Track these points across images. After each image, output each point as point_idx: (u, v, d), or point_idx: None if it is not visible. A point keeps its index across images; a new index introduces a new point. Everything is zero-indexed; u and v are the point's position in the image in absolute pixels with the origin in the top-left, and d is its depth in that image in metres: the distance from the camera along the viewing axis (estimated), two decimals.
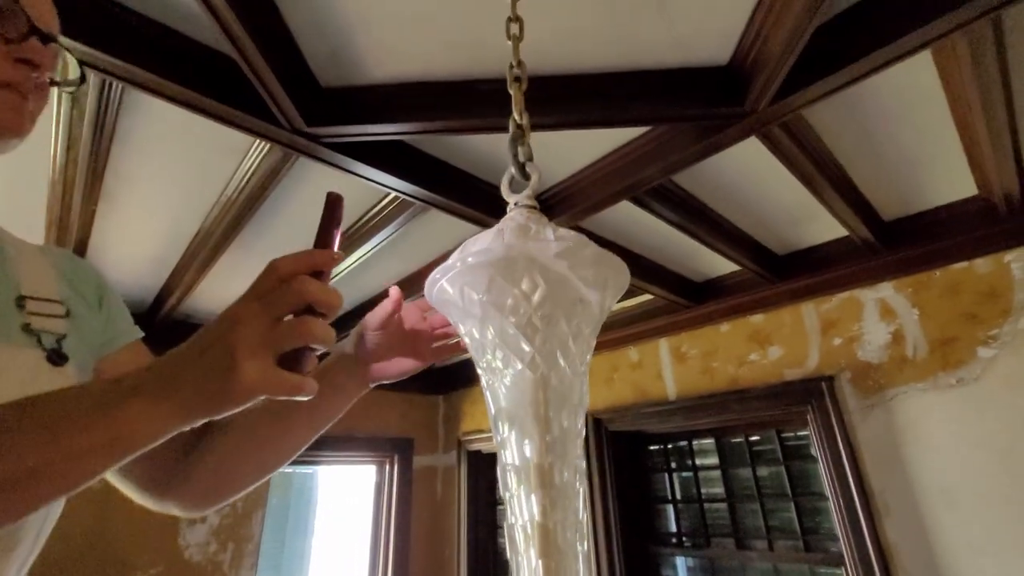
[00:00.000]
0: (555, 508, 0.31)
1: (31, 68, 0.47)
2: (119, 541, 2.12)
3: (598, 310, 0.37)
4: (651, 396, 2.52)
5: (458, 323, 0.38)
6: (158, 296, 2.12)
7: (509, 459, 0.33)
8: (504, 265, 0.33)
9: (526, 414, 0.32)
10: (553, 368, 0.33)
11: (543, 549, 0.30)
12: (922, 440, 1.66)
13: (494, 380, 0.35)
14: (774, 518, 2.17)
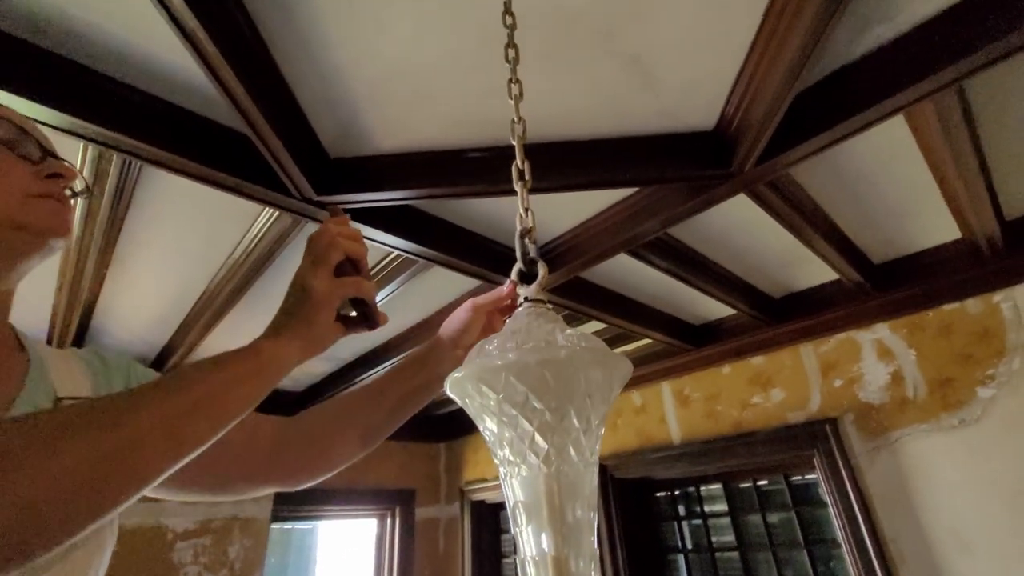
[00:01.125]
0: None
1: (59, 180, 0.55)
2: None
3: (604, 403, 0.39)
4: (656, 440, 2.50)
5: (476, 418, 0.41)
6: (161, 353, 2.13)
7: (527, 551, 0.35)
8: (519, 367, 0.36)
9: (541, 506, 0.34)
10: (566, 461, 0.35)
11: None
12: (931, 483, 1.65)
13: (509, 473, 0.37)
14: (788, 569, 2.12)
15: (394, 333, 2.13)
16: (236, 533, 2.45)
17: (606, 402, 0.40)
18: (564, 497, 0.34)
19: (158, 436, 0.39)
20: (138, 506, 2.24)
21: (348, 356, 2.36)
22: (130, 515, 2.20)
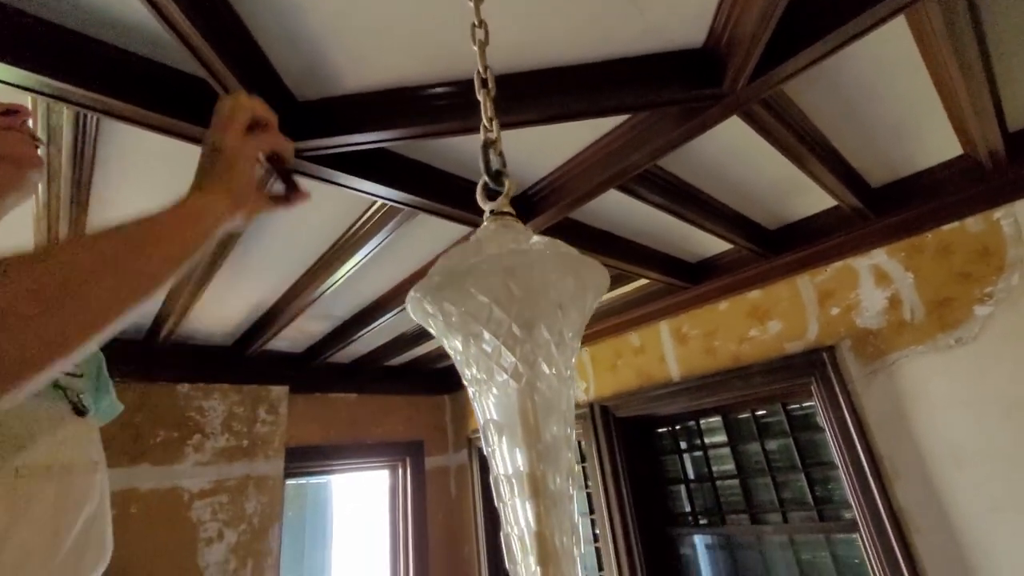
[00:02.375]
0: (550, 515, 0.31)
1: (16, 115, 0.57)
2: (138, 567, 2.14)
3: (579, 315, 0.37)
4: (655, 379, 2.54)
5: (441, 338, 0.39)
6: (155, 321, 2.12)
7: (501, 469, 0.33)
8: (479, 277, 0.33)
9: (514, 424, 0.32)
10: (539, 376, 0.33)
11: (541, 556, 0.30)
12: (926, 402, 1.67)
13: (480, 392, 0.35)
14: (786, 490, 2.19)
15: (387, 287, 2.10)
16: (251, 490, 2.53)
17: (581, 314, 0.38)
18: (538, 413, 0.32)
19: (104, 273, 0.39)
20: (151, 470, 2.29)
21: (343, 314, 2.35)
22: (144, 479, 2.26)
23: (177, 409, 2.45)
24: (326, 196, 1.42)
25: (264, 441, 2.66)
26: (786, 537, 2.19)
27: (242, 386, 2.69)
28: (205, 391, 2.56)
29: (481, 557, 3.28)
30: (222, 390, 2.61)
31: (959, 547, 1.55)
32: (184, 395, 2.49)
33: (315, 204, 1.47)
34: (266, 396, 2.76)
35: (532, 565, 0.30)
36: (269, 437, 2.69)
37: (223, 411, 2.58)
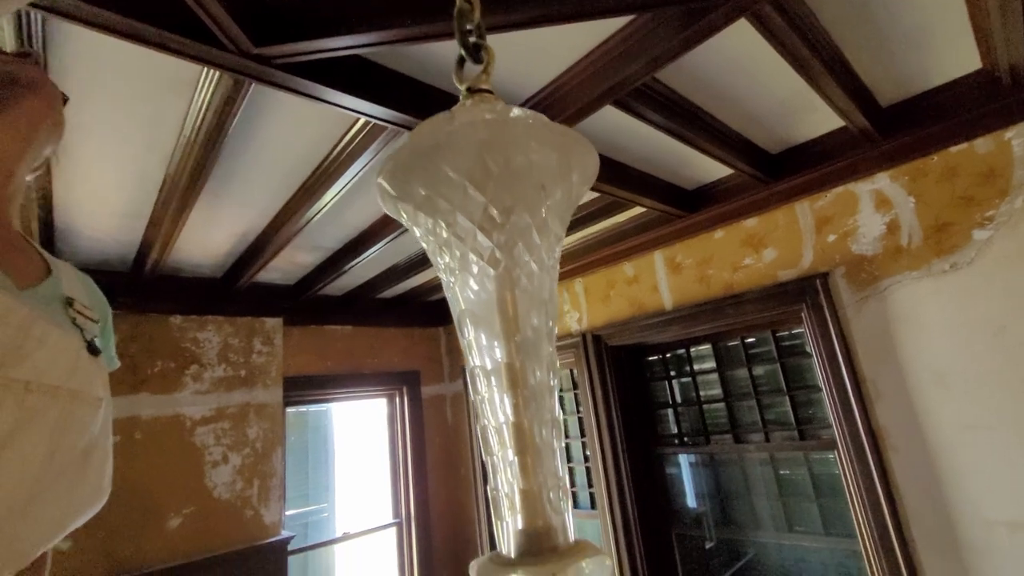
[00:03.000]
0: (528, 407, 0.29)
1: None
2: (148, 488, 2.23)
3: (564, 197, 0.33)
4: (648, 309, 2.55)
5: (411, 223, 0.35)
6: (139, 251, 2.07)
7: (477, 361, 0.31)
8: (452, 151, 0.29)
9: (492, 314, 0.30)
10: (518, 264, 0.30)
11: (518, 447, 0.29)
12: (915, 327, 1.69)
13: (454, 281, 0.32)
14: (770, 413, 2.27)
15: (376, 216, 2.05)
16: (252, 417, 2.60)
17: (567, 197, 0.34)
18: (517, 304, 0.30)
19: None
20: (151, 399, 2.33)
21: (332, 244, 2.30)
22: (145, 407, 2.30)
23: (172, 341, 2.46)
24: (305, 115, 1.34)
25: (261, 371, 2.70)
26: (767, 455, 2.30)
27: (235, 318, 2.69)
28: (199, 323, 2.56)
29: (476, 477, 3.46)
30: (216, 322, 2.62)
31: (932, 463, 1.63)
32: (178, 327, 2.50)
33: (294, 124, 1.39)
34: (260, 328, 2.77)
35: (510, 455, 0.29)
36: (266, 367, 2.72)
37: (218, 343, 2.60)
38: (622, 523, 2.53)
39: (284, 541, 2.51)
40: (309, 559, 4.30)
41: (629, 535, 2.52)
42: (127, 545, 2.12)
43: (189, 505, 2.32)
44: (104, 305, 0.69)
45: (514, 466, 0.29)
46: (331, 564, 4.53)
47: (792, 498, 2.20)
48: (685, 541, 2.56)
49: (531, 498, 0.29)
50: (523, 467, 0.29)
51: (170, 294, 2.47)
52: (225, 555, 2.31)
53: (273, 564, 2.45)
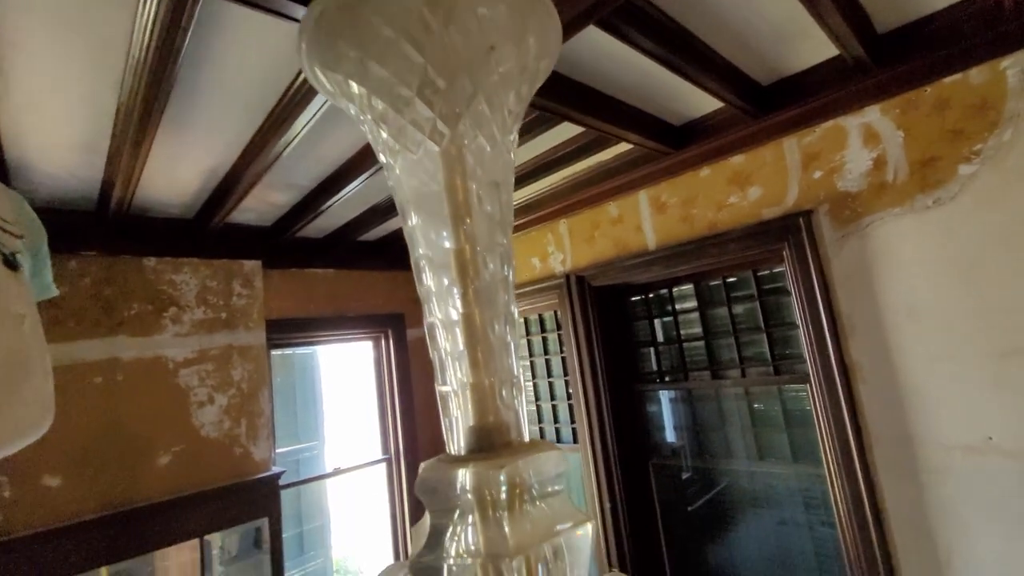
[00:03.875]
0: (480, 299, 0.28)
1: None
2: (135, 427, 2.25)
3: (519, 67, 0.30)
4: (632, 249, 2.54)
5: (343, 98, 0.31)
6: (102, 189, 1.97)
7: (423, 250, 0.29)
8: (387, 1, 0.25)
9: (438, 198, 0.27)
10: (465, 139, 0.27)
11: (469, 340, 0.27)
12: (893, 263, 1.71)
13: (395, 163, 0.29)
14: (747, 350, 2.33)
15: (351, 151, 1.96)
16: (236, 359, 2.59)
17: (523, 69, 0.31)
18: (466, 185, 0.27)
19: None
20: (130, 341, 2.30)
21: (307, 182, 2.22)
22: (124, 349, 2.28)
23: (147, 283, 2.40)
24: (265, 34, 1.23)
25: (243, 313, 2.67)
26: (742, 390, 2.37)
27: (212, 261, 2.63)
28: (174, 265, 2.49)
29: None
30: (191, 264, 2.55)
31: (898, 394, 1.70)
32: (152, 269, 2.43)
33: (256, 46, 1.28)
34: (239, 271, 2.71)
35: (460, 348, 0.28)
36: (247, 310, 2.69)
37: (196, 285, 2.54)
38: (602, 456, 2.64)
39: (275, 476, 2.58)
40: (302, 493, 4.47)
41: (609, 466, 2.63)
42: (118, 482, 2.16)
43: (178, 443, 2.35)
44: (36, 227, 0.67)
45: (464, 360, 0.27)
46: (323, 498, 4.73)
47: (764, 429, 2.30)
48: (662, 472, 2.69)
49: (482, 393, 0.28)
50: (473, 361, 0.27)
51: (141, 235, 2.38)
52: (217, 489, 2.38)
53: (265, 497, 2.53)
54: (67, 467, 2.06)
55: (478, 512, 0.29)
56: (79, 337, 2.18)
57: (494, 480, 0.28)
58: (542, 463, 0.28)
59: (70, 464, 2.07)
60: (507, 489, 0.28)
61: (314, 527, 4.62)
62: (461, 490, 0.29)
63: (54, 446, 2.04)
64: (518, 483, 0.29)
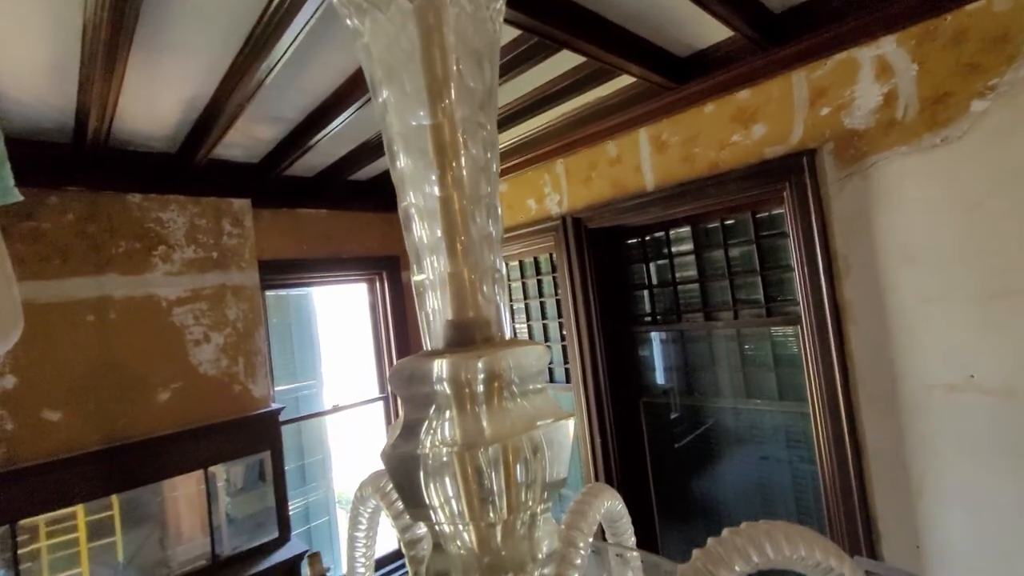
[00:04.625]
0: (460, 184, 0.26)
1: None
2: (132, 364, 2.27)
3: None
4: (629, 190, 2.49)
5: None
6: (77, 119, 1.88)
7: (398, 128, 0.27)
8: None
9: (412, 63, 0.25)
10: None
11: (448, 227, 0.25)
12: (894, 203, 1.68)
13: (363, 24, 0.26)
14: (741, 292, 2.33)
15: (339, 80, 1.86)
16: (230, 298, 2.59)
17: None
18: (444, 50, 0.25)
19: None
20: (121, 279, 2.28)
21: (293, 115, 2.12)
22: (115, 287, 2.26)
23: (133, 220, 2.35)
24: None
25: (234, 253, 2.64)
26: (734, 332, 2.40)
27: (200, 198, 2.56)
28: (160, 202, 2.43)
29: None
30: (179, 202, 2.49)
31: (887, 335, 1.72)
32: (138, 206, 2.37)
33: None
34: (228, 209, 2.65)
35: (438, 234, 0.26)
36: (238, 249, 2.66)
37: (184, 223, 2.49)
38: (594, 394, 2.71)
39: (275, 412, 2.65)
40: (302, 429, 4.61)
41: (600, 405, 2.71)
42: (119, 416, 2.21)
43: (176, 380, 2.38)
44: None
45: (441, 248, 0.26)
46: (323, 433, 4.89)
47: (753, 370, 2.35)
48: (652, 410, 2.77)
49: (461, 284, 0.26)
50: (452, 249, 0.25)
51: (123, 170, 2.30)
52: (218, 424, 2.44)
53: (266, 432, 2.61)
54: (66, 402, 2.09)
55: (455, 405, 0.28)
56: (68, 275, 2.15)
57: (472, 370, 0.27)
58: (523, 356, 0.27)
59: (69, 399, 2.10)
60: (486, 380, 0.27)
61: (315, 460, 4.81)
62: (437, 381, 0.28)
63: (51, 382, 2.07)
64: (498, 375, 0.28)
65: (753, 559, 0.34)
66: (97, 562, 2.10)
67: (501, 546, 0.30)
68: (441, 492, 0.30)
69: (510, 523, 0.31)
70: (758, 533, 0.35)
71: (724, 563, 0.34)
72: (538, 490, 0.31)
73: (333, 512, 4.73)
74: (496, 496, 0.29)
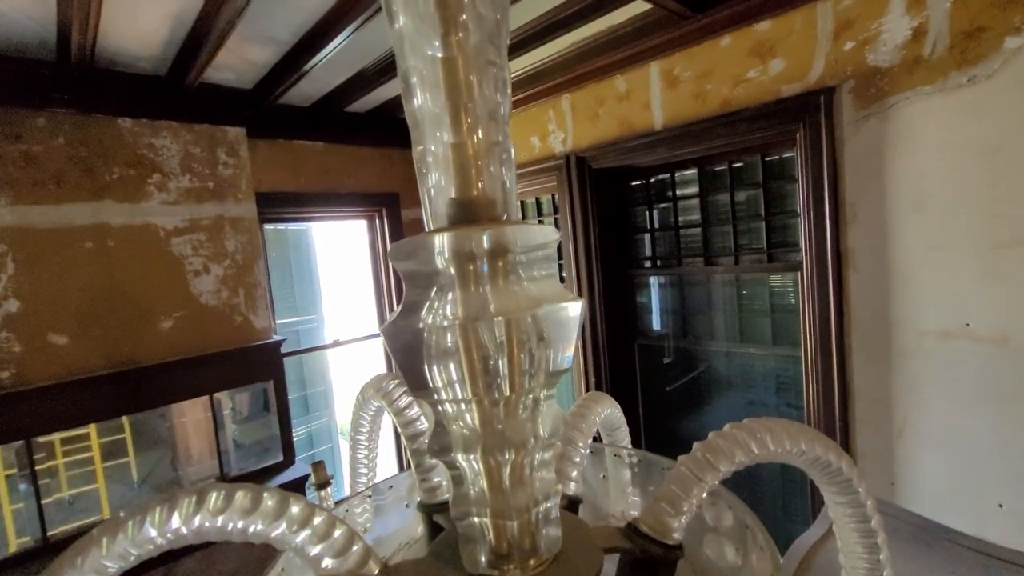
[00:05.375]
0: (465, 48, 0.24)
1: None
2: (133, 292, 2.28)
3: None
4: (637, 128, 2.41)
5: None
6: (59, 33, 1.78)
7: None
8: None
9: None
10: None
11: (451, 90, 0.24)
12: (909, 148, 1.63)
13: None
14: (743, 237, 2.31)
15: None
16: (228, 230, 2.56)
17: None
18: None
19: None
20: (117, 207, 2.25)
21: (287, 36, 2.01)
22: (112, 215, 2.23)
23: (126, 146, 2.29)
24: None
25: (230, 184, 2.59)
26: (733, 277, 2.41)
27: (193, 125, 2.48)
28: (152, 128, 2.35)
29: None
30: (171, 128, 2.41)
31: (887, 282, 1.72)
32: (129, 131, 2.29)
33: None
34: (223, 138, 2.57)
35: (441, 98, 0.25)
36: (235, 180, 2.60)
37: (178, 151, 2.43)
38: (591, 336, 2.74)
39: (276, 343, 2.69)
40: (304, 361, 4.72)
41: (597, 346, 2.75)
42: (124, 342, 2.25)
43: (178, 310, 2.40)
44: None
45: (445, 116, 0.24)
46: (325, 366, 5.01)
47: (749, 315, 2.38)
48: (646, 353, 2.82)
49: (465, 157, 0.25)
50: (456, 117, 0.24)
51: (112, 92, 2.21)
52: (221, 353, 2.49)
53: (268, 362, 2.66)
54: (71, 327, 2.12)
55: (458, 281, 0.28)
56: (63, 200, 2.12)
57: (477, 243, 0.26)
58: (532, 235, 0.27)
59: (74, 324, 2.13)
60: (490, 256, 0.27)
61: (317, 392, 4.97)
62: (440, 255, 0.28)
63: (54, 307, 2.08)
64: (503, 251, 0.27)
65: (753, 450, 0.35)
66: (113, 480, 2.21)
67: (504, 425, 0.31)
68: (443, 368, 0.30)
69: (512, 403, 0.31)
70: (759, 427, 0.36)
71: (724, 455, 0.35)
72: (542, 372, 0.31)
73: (335, 440, 4.94)
74: (499, 372, 0.29)
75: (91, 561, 0.27)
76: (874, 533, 0.40)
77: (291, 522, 0.31)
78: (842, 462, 0.38)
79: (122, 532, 0.28)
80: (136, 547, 0.28)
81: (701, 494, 0.35)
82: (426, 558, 0.38)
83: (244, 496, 0.31)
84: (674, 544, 0.35)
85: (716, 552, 0.45)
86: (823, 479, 0.40)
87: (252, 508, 0.30)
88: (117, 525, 0.28)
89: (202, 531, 0.30)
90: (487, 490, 0.33)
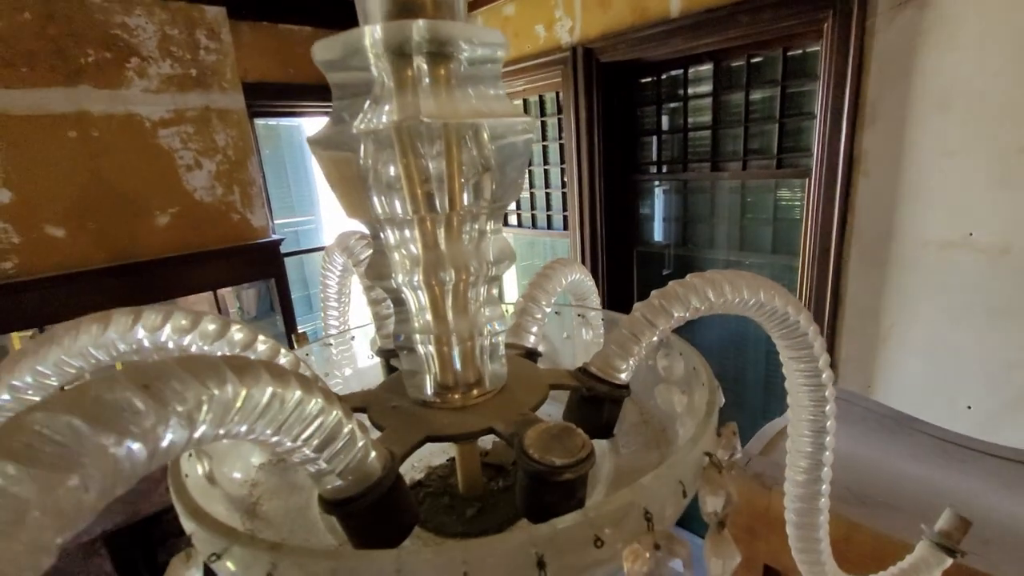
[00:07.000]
0: None
1: None
2: (125, 186, 2.24)
3: None
4: (651, 16, 2.21)
5: None
6: None
7: None
8: None
9: None
10: None
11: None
12: (943, 40, 1.50)
13: None
14: (754, 142, 2.21)
15: None
16: (216, 123, 2.45)
17: None
18: None
19: None
20: (96, 93, 2.13)
21: None
22: (92, 102, 2.12)
23: (96, 24, 2.11)
24: None
25: (214, 71, 2.43)
26: (738, 184, 2.34)
27: (168, 2, 2.27)
28: (123, 4, 2.16)
29: None
30: (144, 4, 2.21)
31: (896, 189, 1.66)
32: (99, 7, 2.11)
33: None
34: (201, 18, 2.37)
35: None
36: (219, 67, 2.44)
37: (154, 32, 2.25)
38: (590, 242, 2.73)
39: (275, 242, 2.69)
40: (304, 262, 4.76)
41: (596, 252, 2.75)
42: (121, 237, 2.25)
43: (173, 205, 2.37)
44: None
45: None
46: None
47: (751, 223, 2.34)
48: (645, 259, 2.82)
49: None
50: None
51: None
52: (221, 250, 2.49)
53: (269, 261, 2.68)
54: (66, 219, 2.11)
55: (393, 80, 0.26)
56: (38, 84, 2.01)
57: (417, 32, 0.24)
58: (482, 35, 0.24)
59: (69, 217, 2.11)
60: (430, 53, 0.25)
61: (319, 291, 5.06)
62: (372, 50, 0.26)
63: (46, 199, 2.05)
64: (447, 48, 0.25)
65: (710, 298, 0.36)
66: None
67: (445, 247, 0.31)
68: (378, 182, 0.29)
69: (455, 226, 0.31)
70: (721, 277, 0.36)
71: (680, 301, 0.35)
72: (487, 191, 0.30)
73: None
74: (437, 186, 0.28)
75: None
76: (823, 387, 0.41)
77: (232, 345, 0.32)
78: (800, 316, 0.39)
79: (69, 339, 0.29)
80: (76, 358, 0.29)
81: (652, 338, 0.35)
82: (375, 389, 0.40)
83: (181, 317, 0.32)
84: (620, 384, 0.36)
85: (665, 400, 0.47)
86: (779, 333, 0.41)
87: (191, 328, 0.31)
88: (52, 338, 0.29)
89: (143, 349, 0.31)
90: (431, 318, 0.33)
